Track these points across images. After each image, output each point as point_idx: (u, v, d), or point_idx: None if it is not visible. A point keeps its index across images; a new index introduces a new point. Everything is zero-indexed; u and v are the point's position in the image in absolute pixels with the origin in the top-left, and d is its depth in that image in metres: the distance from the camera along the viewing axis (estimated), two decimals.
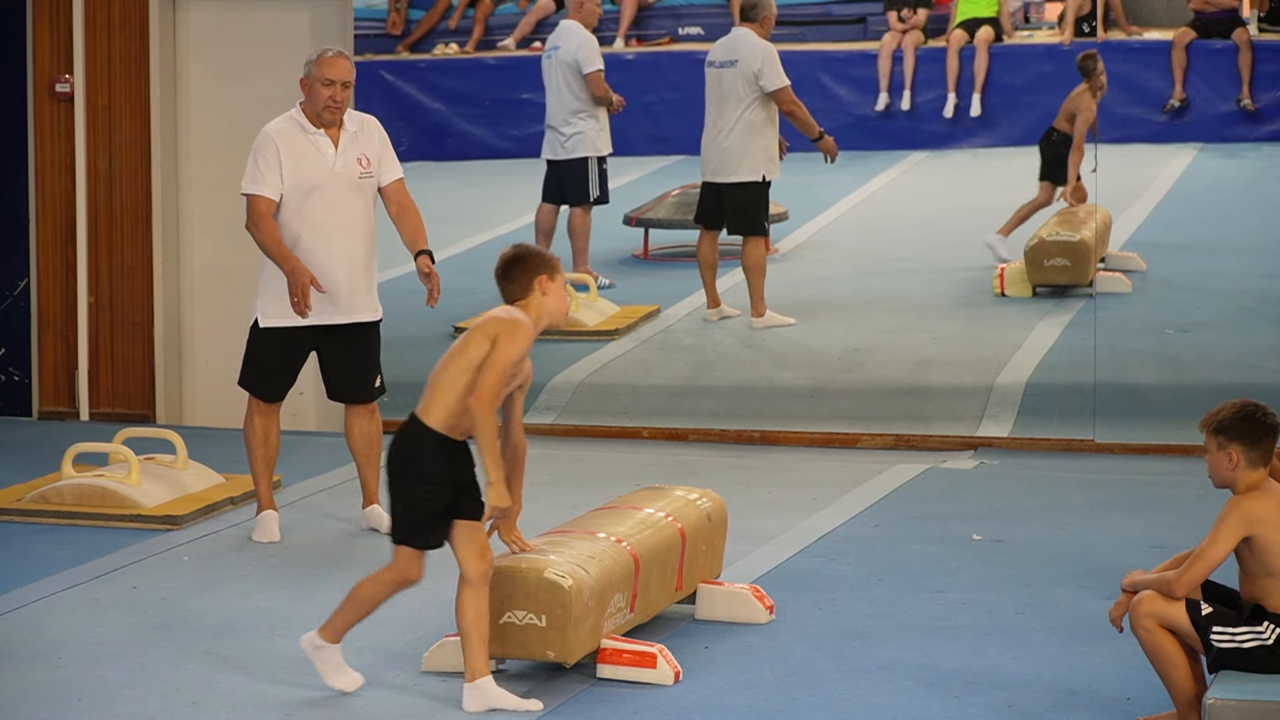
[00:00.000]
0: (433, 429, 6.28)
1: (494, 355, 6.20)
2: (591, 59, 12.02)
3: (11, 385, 11.24)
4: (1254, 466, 5.82)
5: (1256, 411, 5.86)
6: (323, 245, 8.22)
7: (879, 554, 8.16)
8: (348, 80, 8.23)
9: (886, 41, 12.90)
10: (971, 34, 12.73)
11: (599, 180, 12.14)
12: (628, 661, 6.51)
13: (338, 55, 8.24)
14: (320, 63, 8.21)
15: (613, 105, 12.10)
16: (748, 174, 11.39)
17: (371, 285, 8.39)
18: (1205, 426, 5.89)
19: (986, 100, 12.54)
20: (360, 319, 8.35)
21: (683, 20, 13.92)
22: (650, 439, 10.58)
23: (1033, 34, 12.99)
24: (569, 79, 12.08)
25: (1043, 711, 6.23)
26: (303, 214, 8.21)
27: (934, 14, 13.11)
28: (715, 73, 11.49)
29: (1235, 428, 5.83)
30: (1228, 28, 11.92)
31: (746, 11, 11.45)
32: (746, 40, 11.37)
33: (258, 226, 8.18)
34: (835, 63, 13.02)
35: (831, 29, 13.45)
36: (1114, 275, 11.44)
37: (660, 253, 12.98)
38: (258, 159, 8.22)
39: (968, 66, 12.63)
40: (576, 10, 12.19)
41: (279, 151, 8.19)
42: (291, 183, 8.19)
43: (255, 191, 8.20)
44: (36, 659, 6.83)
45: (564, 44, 12.14)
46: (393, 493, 6.36)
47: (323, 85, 8.19)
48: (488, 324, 6.26)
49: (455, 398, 6.25)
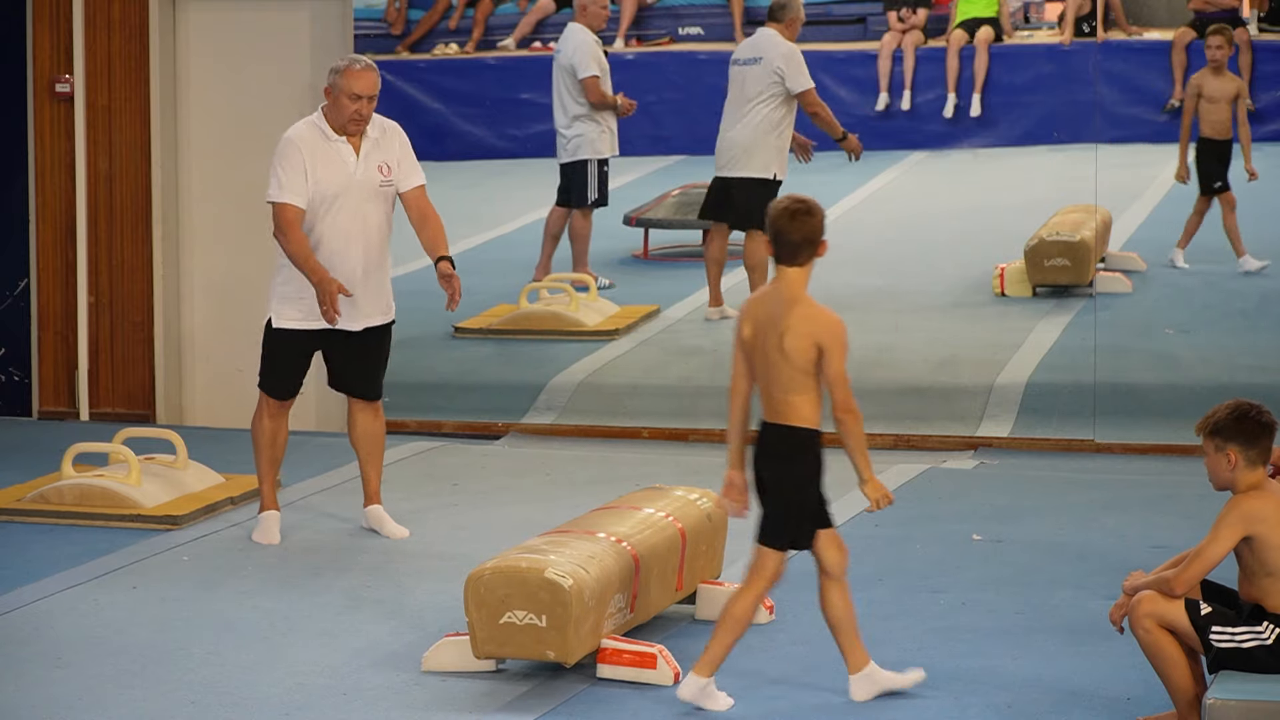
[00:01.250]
0: (806, 427, 6.20)
1: (835, 371, 6.13)
2: (586, 64, 12.02)
3: (11, 385, 11.24)
4: (1253, 466, 5.82)
5: (1251, 411, 5.86)
6: (339, 251, 8.21)
7: (879, 554, 8.16)
8: (374, 94, 8.18)
9: (886, 41, 12.89)
10: (971, 34, 12.71)
11: (598, 183, 12.13)
12: (628, 661, 6.51)
13: (366, 69, 8.14)
14: (349, 75, 8.11)
15: (619, 109, 12.10)
16: (759, 170, 11.40)
17: (385, 289, 8.38)
18: (1202, 430, 5.89)
19: (986, 100, 12.52)
20: (373, 323, 8.35)
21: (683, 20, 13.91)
22: (650, 439, 10.57)
23: (1033, 34, 12.97)
24: (567, 83, 12.09)
25: (1043, 711, 6.24)
26: (321, 220, 8.19)
27: (934, 14, 13.09)
28: (739, 70, 11.52)
29: (1231, 428, 5.83)
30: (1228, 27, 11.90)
31: (773, 12, 11.51)
32: (771, 40, 11.41)
33: (286, 236, 8.10)
34: (835, 63, 13.00)
35: (831, 29, 13.44)
36: (1114, 275, 11.42)
37: (660, 253, 12.97)
38: (283, 166, 8.14)
39: (968, 66, 12.61)
40: (580, 13, 12.19)
41: (304, 158, 8.15)
42: (312, 190, 8.16)
43: (283, 200, 8.13)
44: (36, 659, 6.83)
45: (564, 48, 12.16)
46: (774, 498, 6.26)
47: (350, 99, 8.12)
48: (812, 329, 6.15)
49: (808, 397, 6.17)
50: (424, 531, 8.56)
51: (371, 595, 7.60)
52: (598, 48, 12.17)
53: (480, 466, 9.93)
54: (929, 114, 12.73)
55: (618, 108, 12.10)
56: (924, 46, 12.88)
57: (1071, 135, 11.58)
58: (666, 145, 13.34)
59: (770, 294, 6.24)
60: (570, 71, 12.05)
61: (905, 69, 12.81)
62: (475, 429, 10.78)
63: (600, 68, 12.09)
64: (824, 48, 13.15)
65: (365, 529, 8.56)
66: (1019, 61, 12.63)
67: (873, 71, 12.89)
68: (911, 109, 12.73)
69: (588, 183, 12.10)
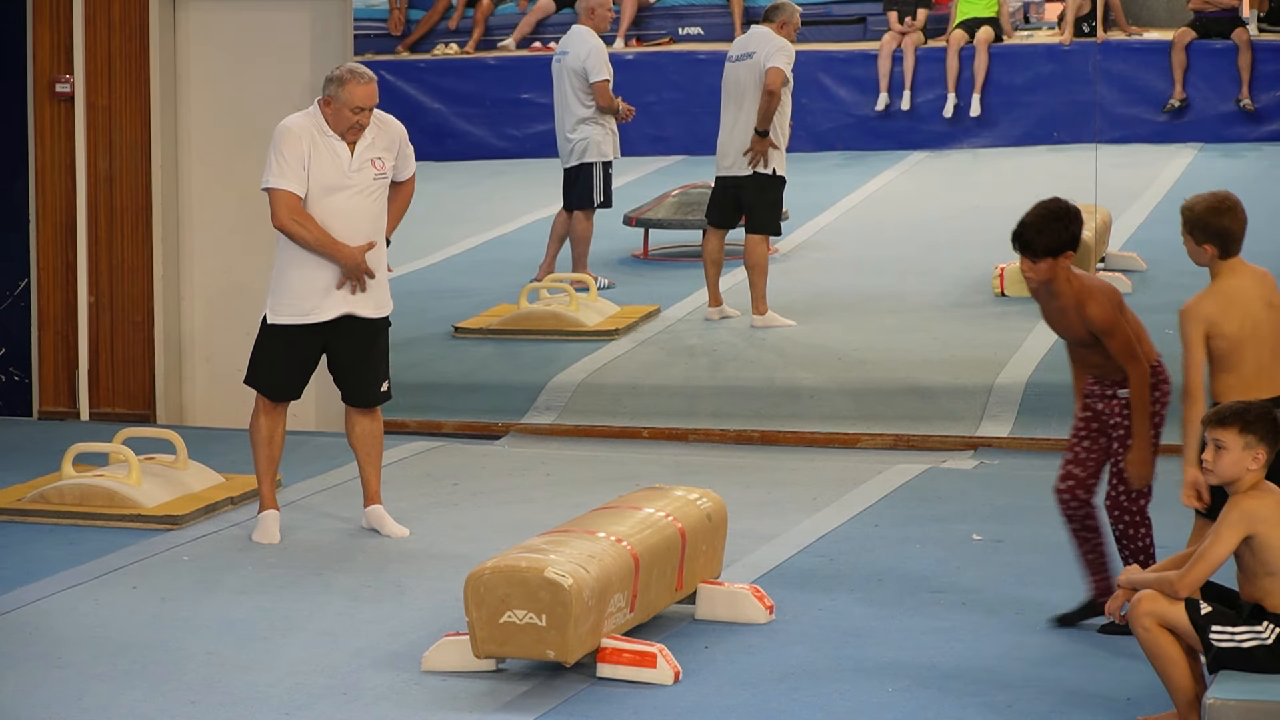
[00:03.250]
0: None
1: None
2: (598, 68, 12.02)
3: (11, 385, 11.24)
4: (1263, 469, 5.84)
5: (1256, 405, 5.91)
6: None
7: (879, 554, 8.16)
8: (375, 105, 8.19)
9: (886, 41, 12.91)
10: (971, 34, 12.73)
11: (603, 185, 12.14)
12: (628, 661, 6.51)
13: (368, 81, 8.09)
14: (350, 89, 8.06)
15: (619, 114, 12.11)
16: (761, 169, 11.40)
17: (381, 284, 8.36)
18: (1231, 424, 5.86)
19: (986, 100, 12.54)
20: (369, 314, 8.32)
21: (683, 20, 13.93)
22: (650, 439, 10.57)
23: (1033, 34, 12.99)
24: (575, 86, 12.09)
25: (1043, 711, 6.23)
26: (321, 216, 8.17)
27: (934, 14, 13.11)
28: (732, 67, 11.52)
29: (1265, 429, 5.83)
30: (1228, 28, 11.91)
31: (768, 13, 11.52)
32: (763, 36, 11.42)
33: (299, 223, 8.08)
34: (835, 63, 13.02)
35: (831, 29, 13.46)
36: (1114, 275, 11.43)
37: (660, 253, 12.98)
38: (281, 152, 8.10)
39: (968, 66, 12.63)
40: (588, 16, 12.18)
41: (304, 148, 8.14)
42: (309, 184, 8.16)
43: (280, 186, 8.10)
44: (36, 659, 6.83)
45: (573, 50, 12.14)
46: None
47: (351, 112, 8.11)
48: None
49: None
50: (424, 531, 8.55)
51: (371, 595, 7.59)
52: (606, 51, 12.19)
53: (480, 466, 9.93)
54: (929, 114, 12.75)
55: (619, 111, 12.11)
56: (924, 46, 12.90)
57: (1071, 135, 11.60)
58: (666, 145, 13.36)
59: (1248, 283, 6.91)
60: (580, 74, 12.05)
61: (905, 69, 12.83)
62: (475, 429, 10.77)
63: (610, 71, 12.11)
64: (824, 48, 13.16)
65: (365, 529, 8.56)
66: (1019, 61, 12.65)
67: (873, 71, 12.91)
68: (911, 109, 12.75)
69: (593, 185, 12.11)
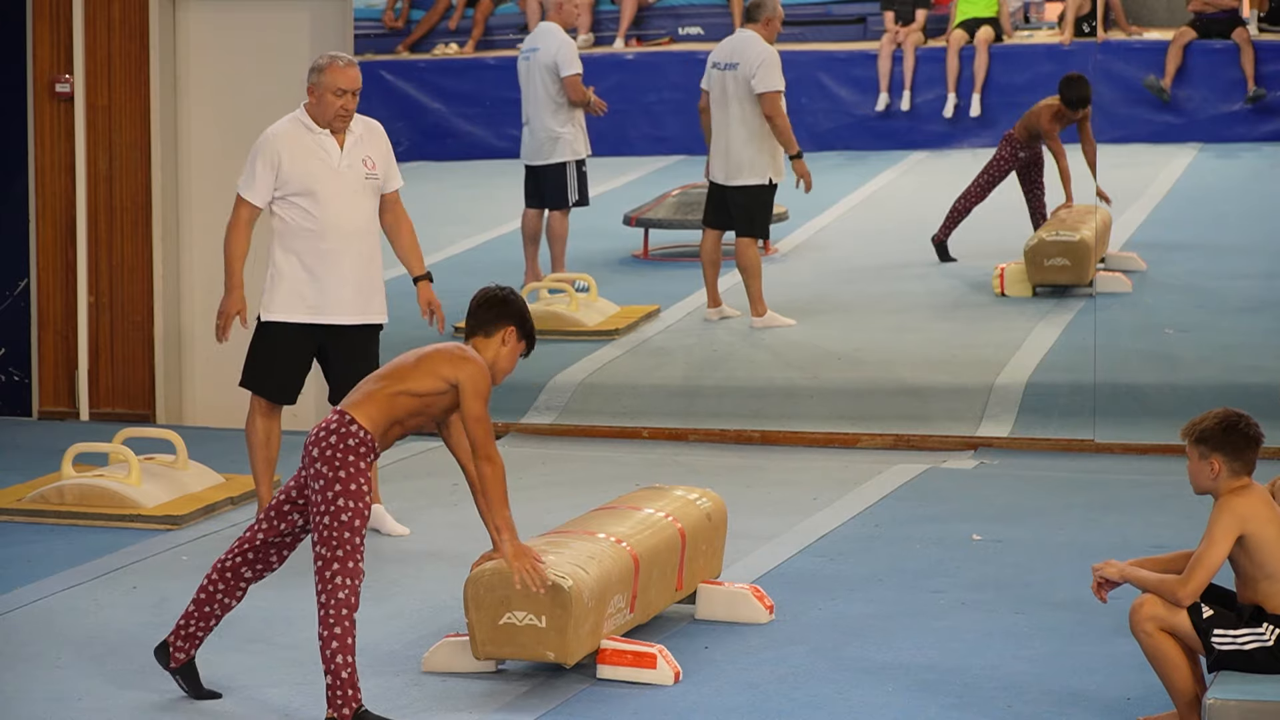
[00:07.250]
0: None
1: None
2: (570, 62, 11.97)
3: (11, 385, 11.24)
4: (1236, 476, 5.81)
5: (1239, 422, 5.84)
6: (334, 245, 8.21)
7: (879, 554, 8.16)
8: (358, 89, 8.22)
9: (886, 41, 12.89)
10: (971, 34, 12.71)
11: (578, 184, 12.09)
12: (628, 662, 6.51)
13: (348, 64, 8.20)
14: (332, 71, 8.15)
15: (590, 107, 12.05)
16: (754, 177, 11.39)
17: (377, 287, 8.38)
18: (1187, 436, 5.88)
19: (986, 100, 12.52)
20: (367, 321, 8.34)
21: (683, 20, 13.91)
22: (650, 439, 10.57)
23: (1033, 34, 12.97)
24: (547, 82, 12.03)
25: (1043, 711, 6.23)
26: (314, 214, 8.19)
27: (934, 14, 13.10)
28: (719, 74, 11.49)
29: (1218, 439, 5.81)
30: (1228, 28, 11.90)
31: (750, 12, 11.45)
32: (749, 43, 11.36)
33: (232, 231, 8.30)
34: (835, 63, 13.00)
35: (831, 29, 13.44)
36: (1114, 275, 11.42)
37: (660, 253, 12.97)
38: (255, 162, 8.24)
39: (968, 66, 12.61)
40: (556, 11, 12.13)
41: (279, 154, 8.18)
42: (298, 183, 8.18)
43: (244, 195, 8.28)
44: (36, 659, 6.83)
45: (543, 46, 12.08)
46: None
47: (334, 95, 8.15)
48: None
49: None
50: (424, 531, 8.55)
51: (371, 595, 7.58)
52: (576, 44, 12.13)
53: None
54: (929, 114, 12.72)
55: (590, 104, 12.05)
56: (924, 46, 12.88)
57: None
58: (666, 145, 13.33)
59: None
60: (551, 70, 11.98)
61: (905, 69, 12.80)
62: None
63: (580, 66, 12.04)
64: (824, 48, 13.14)
65: None
66: (1019, 61, 12.63)
67: (873, 71, 12.88)
68: (911, 109, 12.73)
69: (567, 184, 12.06)
